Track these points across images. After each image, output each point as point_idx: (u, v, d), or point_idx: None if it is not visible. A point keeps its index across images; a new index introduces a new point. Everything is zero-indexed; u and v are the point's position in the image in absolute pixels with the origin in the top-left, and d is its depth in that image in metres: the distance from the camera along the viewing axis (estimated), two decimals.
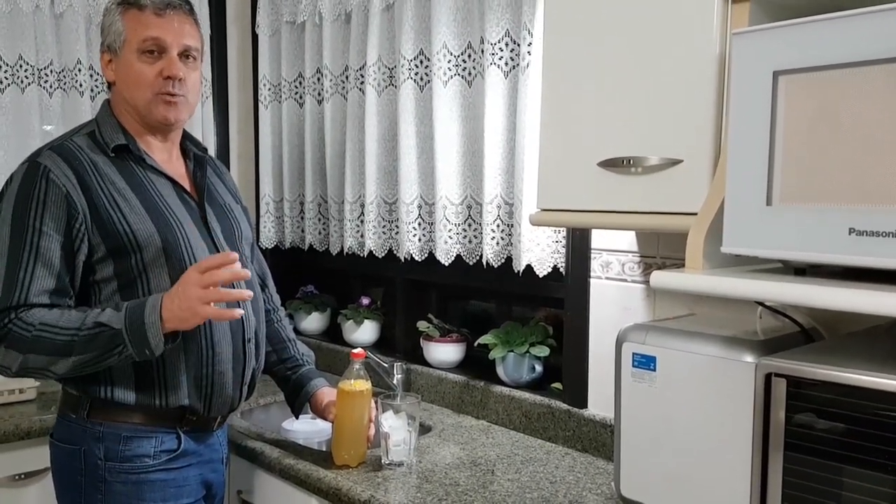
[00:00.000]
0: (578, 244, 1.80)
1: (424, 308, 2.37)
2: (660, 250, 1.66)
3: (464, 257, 2.09)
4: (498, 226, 1.96)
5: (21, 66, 2.33)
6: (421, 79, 2.13)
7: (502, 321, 2.10)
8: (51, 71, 2.37)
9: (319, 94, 2.49)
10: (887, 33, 0.88)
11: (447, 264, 2.10)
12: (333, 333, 2.66)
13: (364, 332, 2.49)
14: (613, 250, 1.73)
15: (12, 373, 1.41)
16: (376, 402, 1.68)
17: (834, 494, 0.98)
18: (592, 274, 1.78)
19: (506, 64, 1.90)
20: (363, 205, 2.32)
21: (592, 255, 1.77)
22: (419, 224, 2.17)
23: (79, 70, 2.40)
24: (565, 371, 1.86)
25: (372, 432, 1.67)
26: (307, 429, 2.05)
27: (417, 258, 2.19)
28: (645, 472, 1.27)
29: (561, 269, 1.86)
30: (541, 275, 1.88)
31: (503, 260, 1.97)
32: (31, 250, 1.40)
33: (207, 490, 1.60)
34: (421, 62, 2.12)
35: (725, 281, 1.02)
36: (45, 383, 1.88)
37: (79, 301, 1.46)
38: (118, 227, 1.44)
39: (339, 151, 2.41)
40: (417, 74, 2.13)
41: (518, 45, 1.86)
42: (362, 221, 2.34)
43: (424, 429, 1.94)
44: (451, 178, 2.06)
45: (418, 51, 2.12)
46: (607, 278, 1.75)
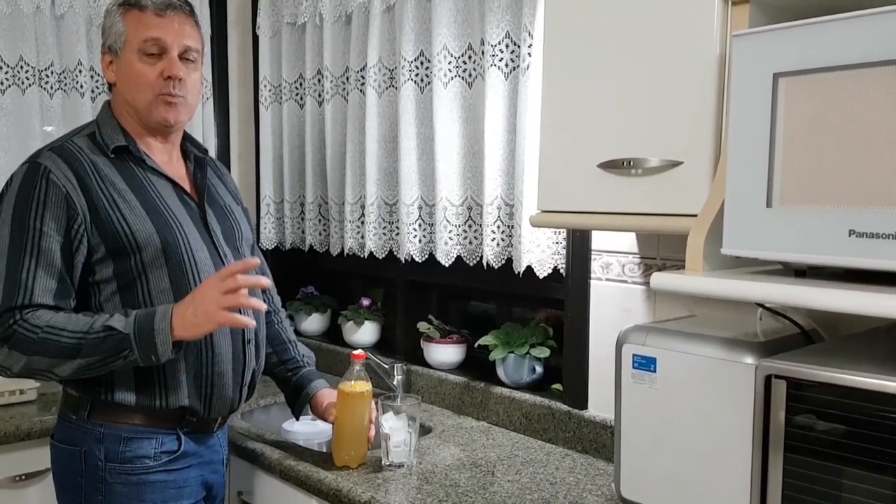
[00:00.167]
0: (579, 245, 1.80)
1: (425, 309, 2.37)
2: (660, 252, 1.66)
3: (464, 258, 2.09)
4: (498, 227, 1.96)
5: (22, 68, 2.33)
6: (421, 80, 2.13)
7: (502, 322, 2.10)
8: (51, 72, 2.38)
9: (320, 96, 2.49)
10: (887, 35, 0.88)
11: (447, 265, 2.10)
12: (334, 334, 2.66)
13: (364, 334, 2.49)
14: (614, 252, 1.74)
15: (12, 373, 1.41)
16: (377, 404, 1.68)
17: (834, 496, 0.98)
18: (593, 275, 1.78)
19: (506, 65, 1.90)
20: (364, 206, 2.32)
21: (593, 257, 1.78)
22: (419, 225, 2.18)
23: (79, 71, 2.40)
24: (565, 372, 1.86)
25: (372, 433, 1.67)
26: (307, 430, 2.05)
27: (418, 259, 2.19)
28: (645, 474, 1.27)
29: (561, 271, 1.86)
30: (541, 276, 1.88)
31: (503, 261, 1.97)
32: (33, 251, 1.40)
33: (208, 491, 1.60)
34: (421, 63, 2.12)
35: (725, 283, 1.02)
36: (46, 384, 1.88)
37: (78, 301, 1.46)
38: (118, 228, 1.44)
39: (340, 153, 2.41)
40: (418, 76, 2.13)
41: (518, 47, 1.86)
42: (363, 222, 2.34)
43: (425, 430, 1.94)
44: (452, 180, 2.06)
45: (419, 52, 2.12)
46: (607, 279, 1.75)
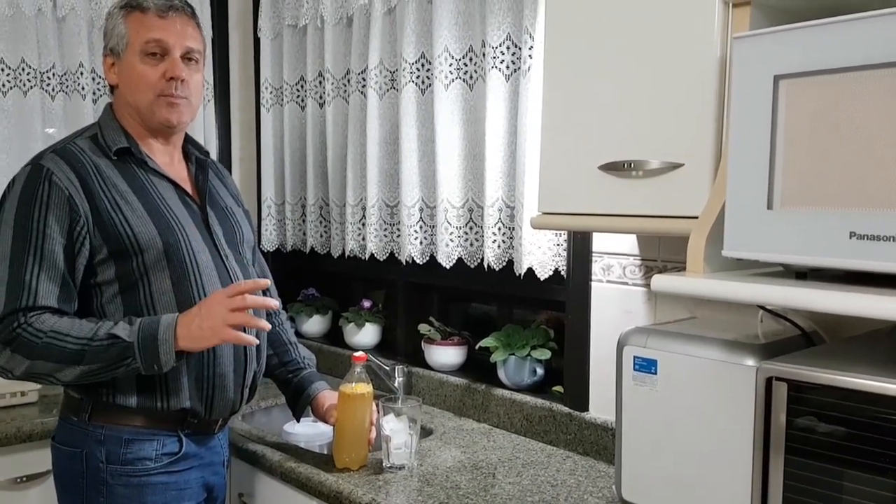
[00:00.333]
0: (579, 247, 1.80)
1: (426, 311, 2.37)
2: (661, 253, 1.66)
3: (465, 260, 2.09)
4: (499, 229, 1.96)
5: (23, 70, 2.33)
6: (422, 82, 2.13)
7: (503, 324, 2.10)
8: (53, 74, 2.38)
9: (321, 98, 2.49)
10: (888, 37, 0.88)
11: (448, 267, 2.10)
12: (335, 336, 2.66)
13: (365, 335, 2.49)
14: (614, 253, 1.74)
15: (14, 376, 1.42)
16: (377, 405, 1.68)
17: (835, 498, 0.98)
18: (593, 277, 1.78)
19: (507, 67, 1.90)
20: (365, 208, 2.32)
21: (593, 259, 1.78)
22: (420, 227, 2.18)
23: (81, 73, 2.40)
24: (566, 374, 1.85)
25: (373, 435, 1.67)
26: (308, 432, 2.04)
27: (419, 261, 2.19)
28: (646, 476, 1.27)
29: (562, 273, 1.86)
30: (542, 278, 1.88)
31: (504, 263, 1.97)
32: (35, 253, 1.40)
33: (209, 493, 1.60)
34: (422, 65, 2.13)
35: (726, 285, 1.02)
36: (47, 386, 1.88)
37: (80, 303, 1.46)
38: (120, 230, 1.44)
39: (341, 154, 2.41)
40: (419, 78, 2.13)
41: (519, 49, 1.87)
42: (364, 224, 2.34)
43: (426, 432, 1.94)
44: (453, 182, 2.06)
45: (420, 54, 2.12)
46: (608, 281, 1.75)
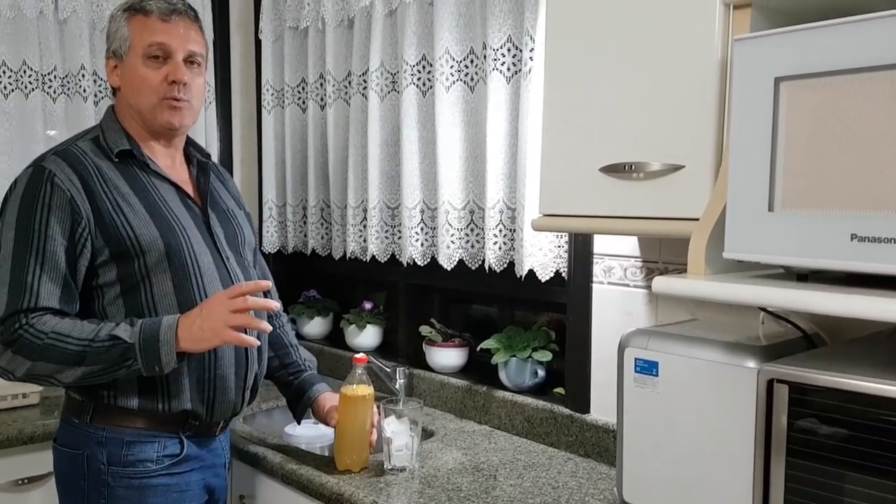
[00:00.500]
0: (581, 249, 1.80)
1: (427, 313, 2.37)
2: (662, 255, 1.66)
3: (466, 262, 2.09)
4: (500, 230, 1.96)
5: (25, 72, 2.33)
6: (423, 84, 2.13)
7: (505, 326, 2.10)
8: (54, 76, 2.38)
9: (322, 100, 2.49)
10: (889, 39, 0.88)
11: (449, 269, 2.10)
12: (336, 338, 2.66)
13: (366, 337, 2.50)
14: (616, 255, 1.74)
15: (15, 378, 1.42)
16: (378, 407, 1.68)
17: (836, 500, 0.98)
18: (595, 279, 1.78)
19: (508, 69, 1.91)
20: (366, 209, 2.32)
21: (595, 260, 1.78)
22: (422, 229, 2.18)
23: (82, 75, 2.41)
24: (568, 376, 1.85)
25: (374, 437, 1.67)
26: (309, 434, 2.04)
27: (420, 263, 2.19)
28: (647, 478, 1.27)
29: (563, 274, 1.86)
30: (543, 280, 1.88)
31: (505, 265, 1.97)
32: (37, 254, 1.40)
33: (210, 495, 1.60)
34: (423, 67, 2.13)
35: (727, 287, 1.02)
36: (49, 388, 1.88)
37: (81, 305, 1.46)
38: (122, 232, 1.44)
39: (342, 156, 2.42)
40: (420, 80, 2.13)
41: (520, 51, 1.87)
42: (365, 226, 2.34)
43: (427, 434, 1.94)
44: (454, 183, 2.06)
45: (421, 56, 2.12)
46: (609, 283, 1.75)
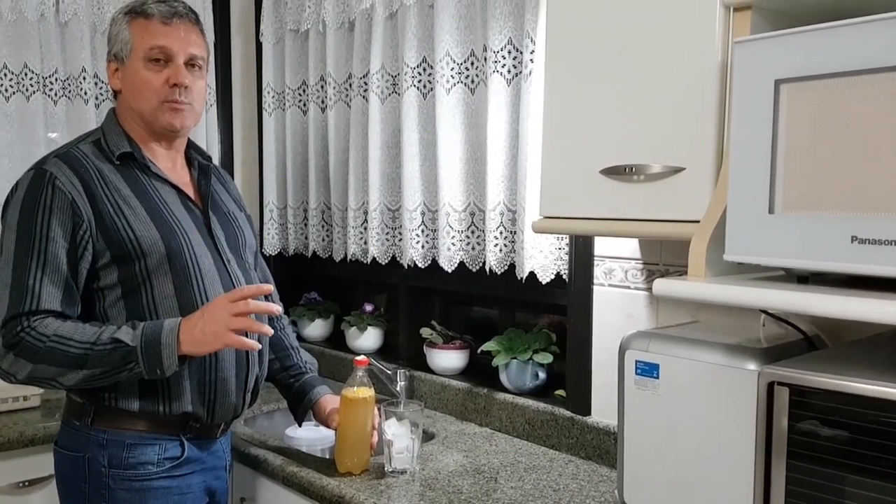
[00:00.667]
0: (581, 251, 1.80)
1: (428, 315, 2.37)
2: (662, 257, 1.66)
3: (467, 264, 2.09)
4: (501, 233, 1.96)
5: (26, 75, 2.34)
6: (424, 86, 2.14)
7: (505, 328, 2.10)
8: (55, 79, 2.38)
9: (323, 102, 2.50)
10: (889, 41, 0.88)
11: (450, 271, 2.10)
12: (337, 340, 2.66)
13: (367, 339, 2.50)
14: (616, 257, 1.74)
15: (16, 380, 1.42)
16: (379, 410, 1.68)
17: (837, 503, 0.98)
18: (595, 281, 1.78)
19: (508, 72, 1.91)
20: (366, 212, 2.32)
21: (595, 262, 1.78)
22: (422, 231, 2.18)
23: (83, 78, 2.41)
24: (568, 378, 1.85)
25: (375, 440, 1.67)
26: (310, 436, 2.04)
27: (420, 265, 2.19)
28: (648, 480, 1.27)
29: (564, 276, 1.86)
30: (544, 282, 1.88)
31: (506, 267, 1.97)
32: (39, 257, 1.41)
33: (211, 497, 1.60)
34: (424, 70, 2.13)
35: (728, 289, 1.02)
36: (50, 390, 1.88)
37: (82, 307, 1.46)
38: (123, 235, 1.44)
39: (343, 159, 2.42)
40: (420, 82, 2.13)
41: (520, 53, 1.87)
42: (366, 228, 2.35)
43: (428, 436, 1.94)
44: (454, 185, 2.06)
45: (421, 59, 2.13)
46: (610, 285, 1.75)
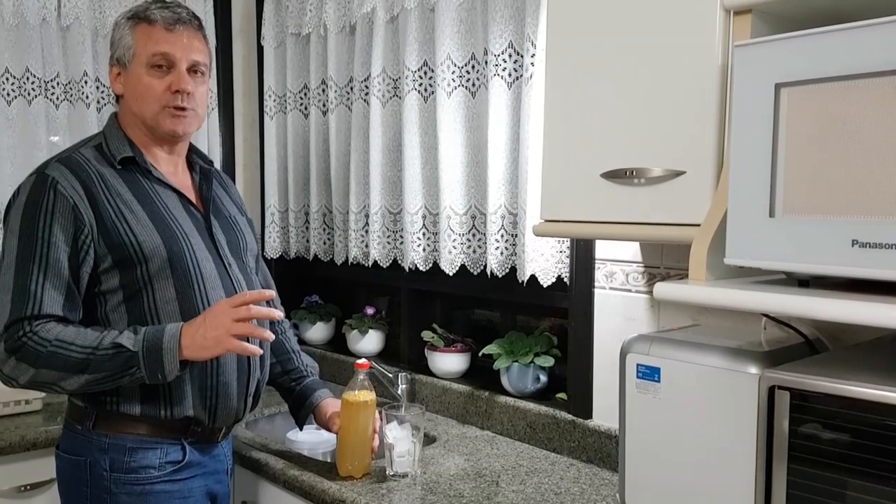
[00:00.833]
0: (582, 254, 1.80)
1: (429, 318, 2.37)
2: (663, 260, 1.66)
3: (468, 267, 2.09)
4: (502, 236, 1.96)
5: (28, 79, 2.34)
6: (425, 90, 2.14)
7: (507, 331, 2.10)
8: (57, 83, 2.39)
9: (324, 105, 2.50)
10: (890, 45, 0.88)
11: (451, 274, 2.10)
12: (338, 343, 2.66)
13: (369, 342, 2.50)
14: (617, 260, 1.74)
15: (18, 385, 1.42)
16: (381, 413, 1.68)
17: None
18: (596, 284, 1.78)
19: (509, 75, 1.91)
20: (368, 215, 2.32)
21: (596, 266, 1.78)
22: (423, 234, 2.18)
23: (85, 82, 2.41)
24: (570, 381, 1.85)
25: (376, 443, 1.67)
26: (312, 439, 2.05)
27: (422, 268, 2.19)
28: (649, 483, 1.27)
29: (565, 279, 1.86)
30: (545, 285, 1.88)
31: (507, 270, 1.97)
32: (41, 262, 1.41)
33: (212, 501, 1.61)
34: (425, 73, 2.13)
35: (729, 293, 1.02)
36: (51, 394, 1.88)
37: (84, 311, 1.46)
38: (124, 239, 1.45)
39: (344, 162, 2.42)
40: (421, 85, 2.14)
41: (521, 57, 1.87)
42: (367, 231, 2.35)
43: (429, 439, 1.94)
44: (455, 189, 2.06)
45: (422, 62, 2.13)
46: (611, 288, 1.75)
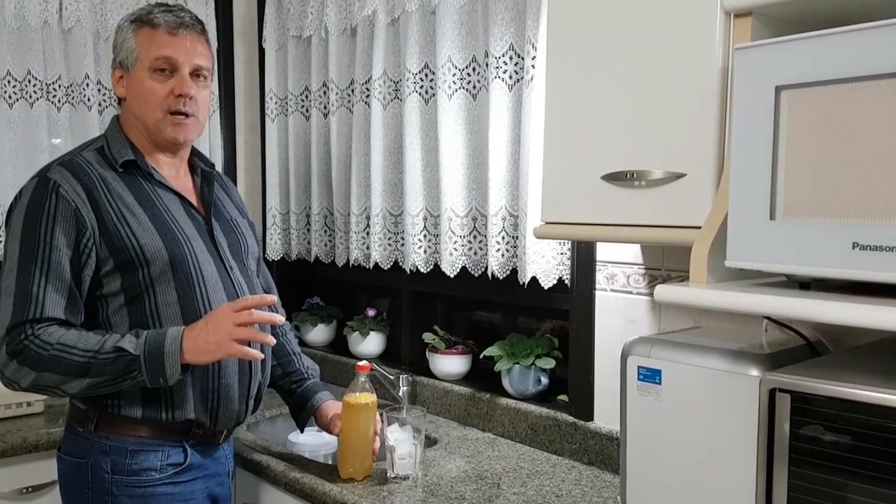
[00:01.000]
0: (583, 256, 1.80)
1: (430, 320, 2.37)
2: (664, 263, 1.66)
3: (469, 269, 2.09)
4: (503, 238, 1.96)
5: (29, 81, 2.35)
6: (426, 92, 2.14)
7: (508, 333, 2.10)
8: (59, 86, 2.39)
9: (325, 108, 2.50)
10: (890, 47, 0.88)
11: (452, 276, 2.10)
12: (339, 345, 2.66)
13: (370, 344, 2.50)
14: (618, 262, 1.74)
15: (20, 388, 1.42)
16: (382, 415, 1.68)
17: None
18: (597, 286, 1.78)
19: (510, 77, 1.91)
20: (369, 217, 2.33)
21: (597, 268, 1.78)
22: (424, 236, 2.18)
23: (87, 85, 2.42)
24: (571, 383, 1.85)
25: (377, 445, 1.67)
26: (313, 442, 2.05)
27: (423, 270, 2.19)
28: (651, 486, 1.27)
29: (566, 282, 1.86)
30: (546, 287, 1.88)
31: (508, 272, 1.97)
32: (43, 265, 1.41)
33: (213, 503, 1.61)
34: (426, 76, 2.13)
35: (729, 295, 1.02)
36: (53, 397, 1.89)
37: (86, 315, 1.47)
38: (126, 242, 1.45)
39: (345, 164, 2.42)
40: (422, 88, 2.14)
41: (522, 59, 1.87)
42: (368, 233, 2.35)
43: (430, 441, 1.94)
44: (456, 191, 2.07)
45: (423, 64, 2.13)
46: (612, 290, 1.75)
